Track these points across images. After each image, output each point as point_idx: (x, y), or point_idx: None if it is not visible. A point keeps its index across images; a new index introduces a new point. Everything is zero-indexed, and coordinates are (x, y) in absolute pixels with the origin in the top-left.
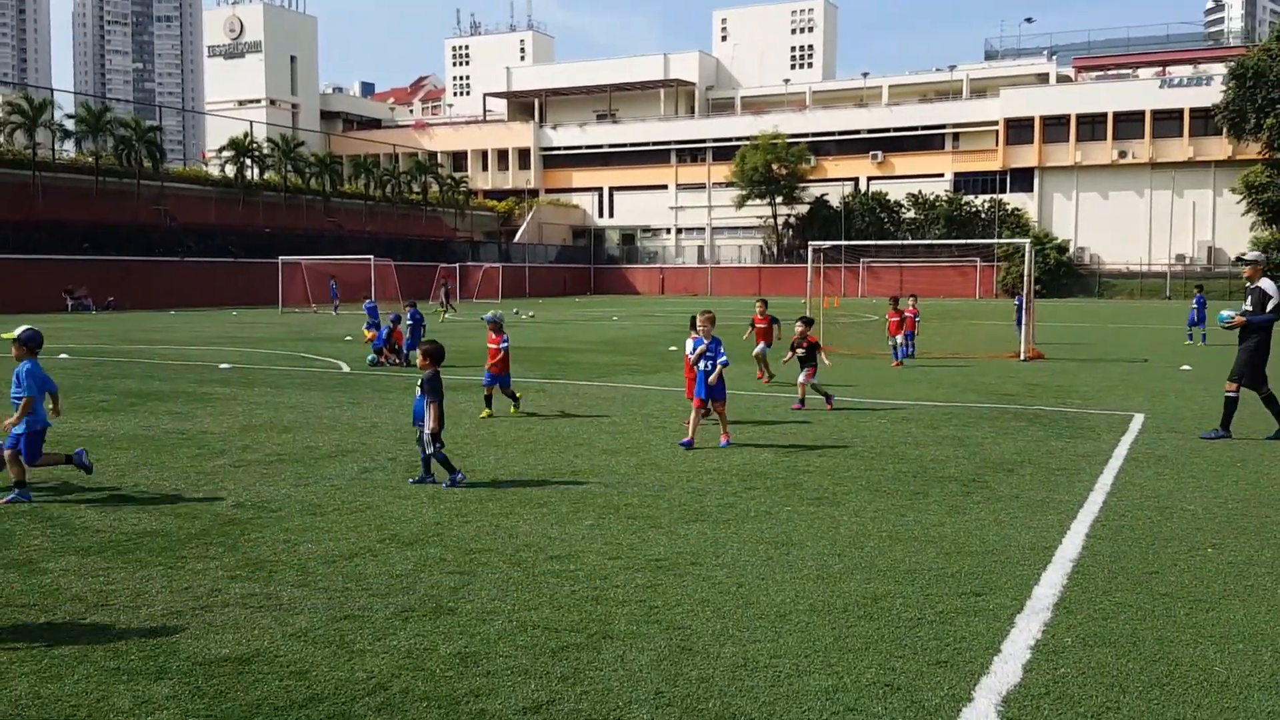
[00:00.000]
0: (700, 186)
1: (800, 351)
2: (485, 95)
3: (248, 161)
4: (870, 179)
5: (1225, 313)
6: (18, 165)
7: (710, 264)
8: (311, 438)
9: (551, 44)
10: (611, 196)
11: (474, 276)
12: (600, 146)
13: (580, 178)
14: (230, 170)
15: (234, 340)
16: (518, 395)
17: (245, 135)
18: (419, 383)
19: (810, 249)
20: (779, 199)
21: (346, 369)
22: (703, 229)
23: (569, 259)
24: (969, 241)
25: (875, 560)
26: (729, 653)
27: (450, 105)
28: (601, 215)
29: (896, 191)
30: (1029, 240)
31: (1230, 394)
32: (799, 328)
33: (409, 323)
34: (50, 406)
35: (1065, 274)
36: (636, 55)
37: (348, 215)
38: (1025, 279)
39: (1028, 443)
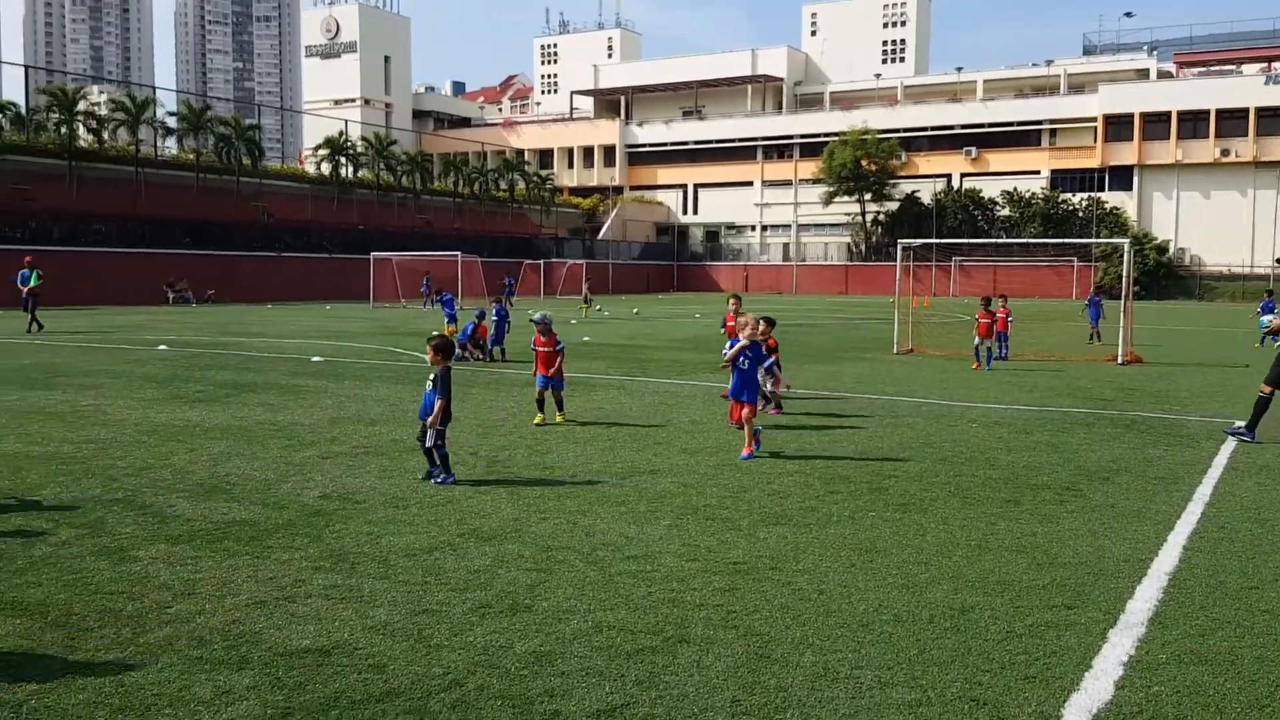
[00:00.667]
0: (786, 183)
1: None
2: (572, 93)
3: (342, 160)
4: (963, 175)
5: (1265, 317)
6: (122, 161)
7: (795, 262)
8: (397, 431)
9: (639, 41)
10: (696, 193)
11: (558, 273)
12: (685, 143)
13: (665, 175)
14: (326, 168)
15: (326, 334)
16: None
17: (340, 134)
18: (431, 378)
19: (899, 247)
20: (868, 196)
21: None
22: (788, 226)
23: (652, 256)
24: (1065, 240)
25: (963, 570)
26: (809, 661)
27: (538, 104)
28: (685, 212)
29: (991, 188)
30: (1128, 240)
31: (1264, 395)
32: (761, 328)
33: (494, 319)
34: None
35: (1164, 275)
36: (724, 51)
37: (437, 212)
38: (1124, 280)
39: (1124, 450)
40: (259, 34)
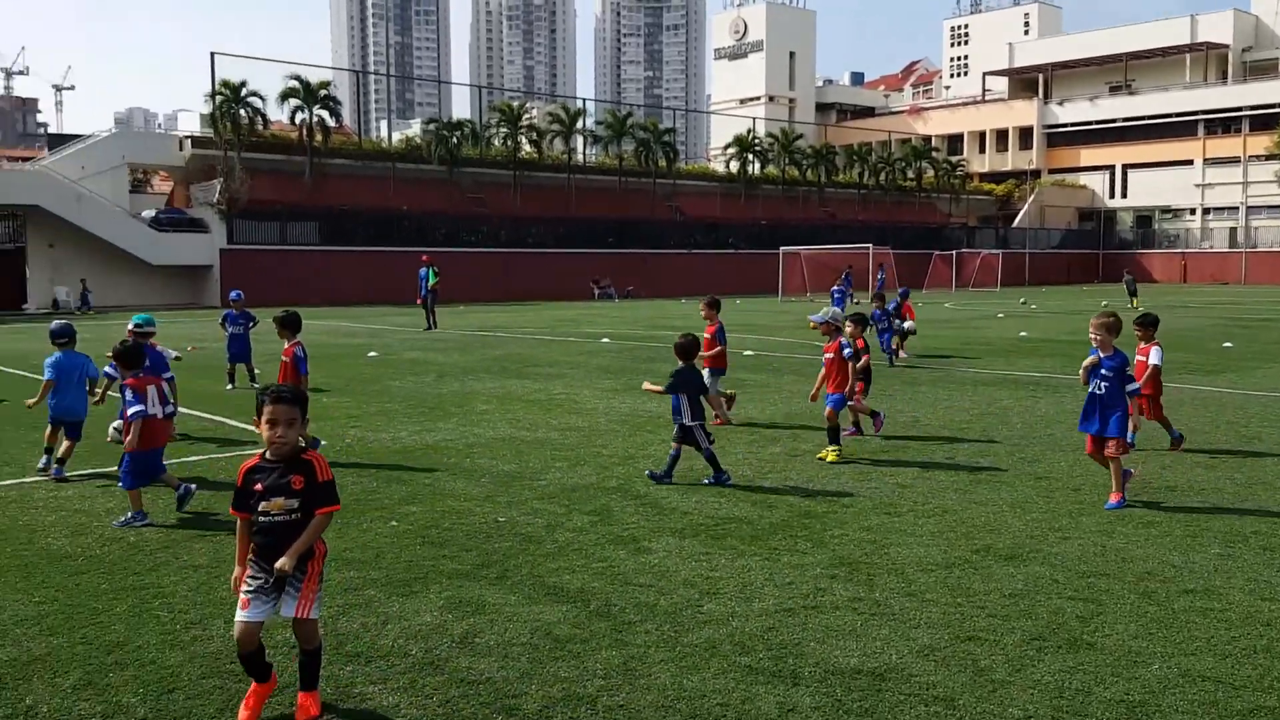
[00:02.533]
0: (1234, 161)
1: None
2: (985, 74)
3: (750, 157)
4: None
5: None
6: (556, 169)
7: (1245, 248)
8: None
9: (1059, 15)
10: (1124, 175)
11: (970, 264)
12: (1113, 121)
13: (1088, 156)
14: (734, 166)
15: (745, 327)
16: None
17: (748, 132)
18: (671, 374)
19: None
20: None
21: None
22: (1235, 209)
23: (1074, 244)
24: None
25: None
26: None
27: (947, 88)
28: (1112, 196)
29: None
30: None
31: None
32: (848, 328)
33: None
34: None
35: None
36: (1156, 19)
37: (840, 204)
38: None
39: None
40: (667, 42)
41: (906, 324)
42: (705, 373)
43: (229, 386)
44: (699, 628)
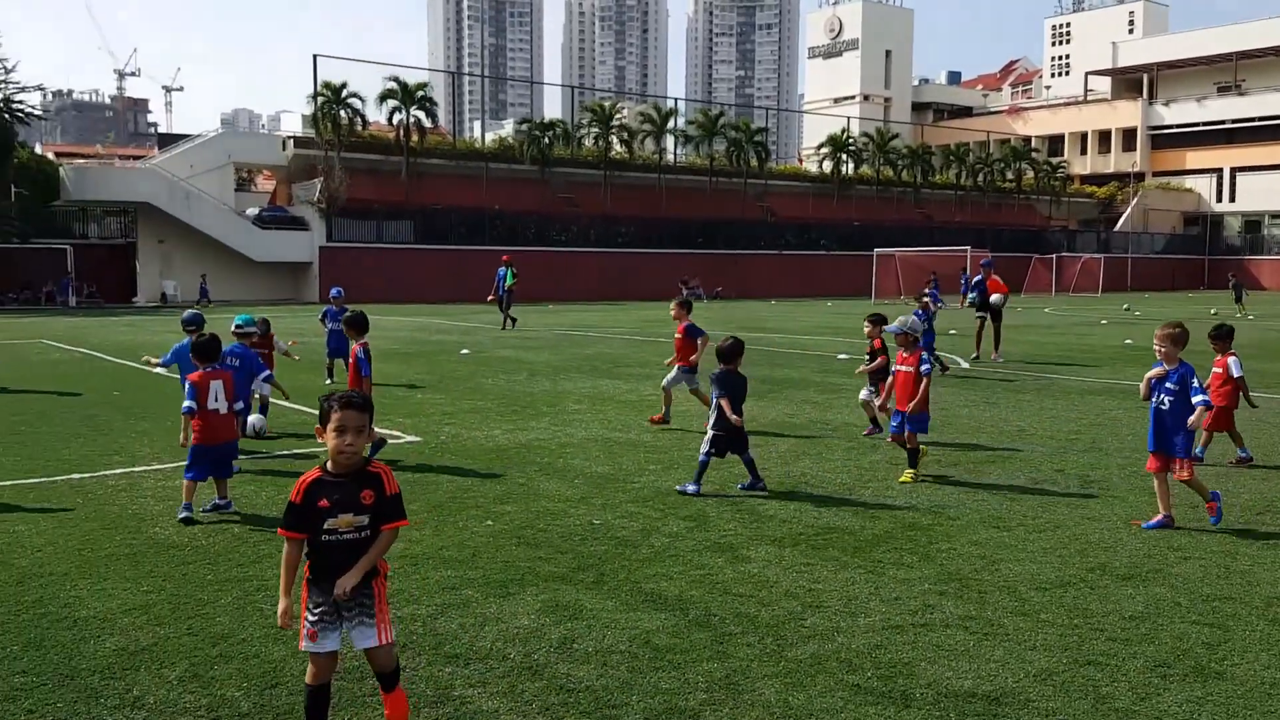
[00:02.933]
0: None
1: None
2: (1087, 74)
3: (843, 157)
4: None
5: None
6: (647, 169)
7: None
8: (964, 439)
9: (1166, 13)
10: (1233, 178)
11: (1070, 268)
12: (1221, 122)
13: (1195, 158)
14: (826, 166)
15: (838, 330)
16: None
17: (843, 131)
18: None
19: None
20: None
21: (965, 364)
22: None
23: (1178, 249)
24: None
25: None
26: None
27: (1047, 87)
28: (1220, 200)
29: None
30: None
31: None
32: (866, 328)
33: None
34: None
35: None
36: (1270, 17)
37: (937, 206)
38: None
39: None
40: (760, 41)
41: (994, 297)
42: (675, 370)
43: (328, 380)
44: (803, 642)
